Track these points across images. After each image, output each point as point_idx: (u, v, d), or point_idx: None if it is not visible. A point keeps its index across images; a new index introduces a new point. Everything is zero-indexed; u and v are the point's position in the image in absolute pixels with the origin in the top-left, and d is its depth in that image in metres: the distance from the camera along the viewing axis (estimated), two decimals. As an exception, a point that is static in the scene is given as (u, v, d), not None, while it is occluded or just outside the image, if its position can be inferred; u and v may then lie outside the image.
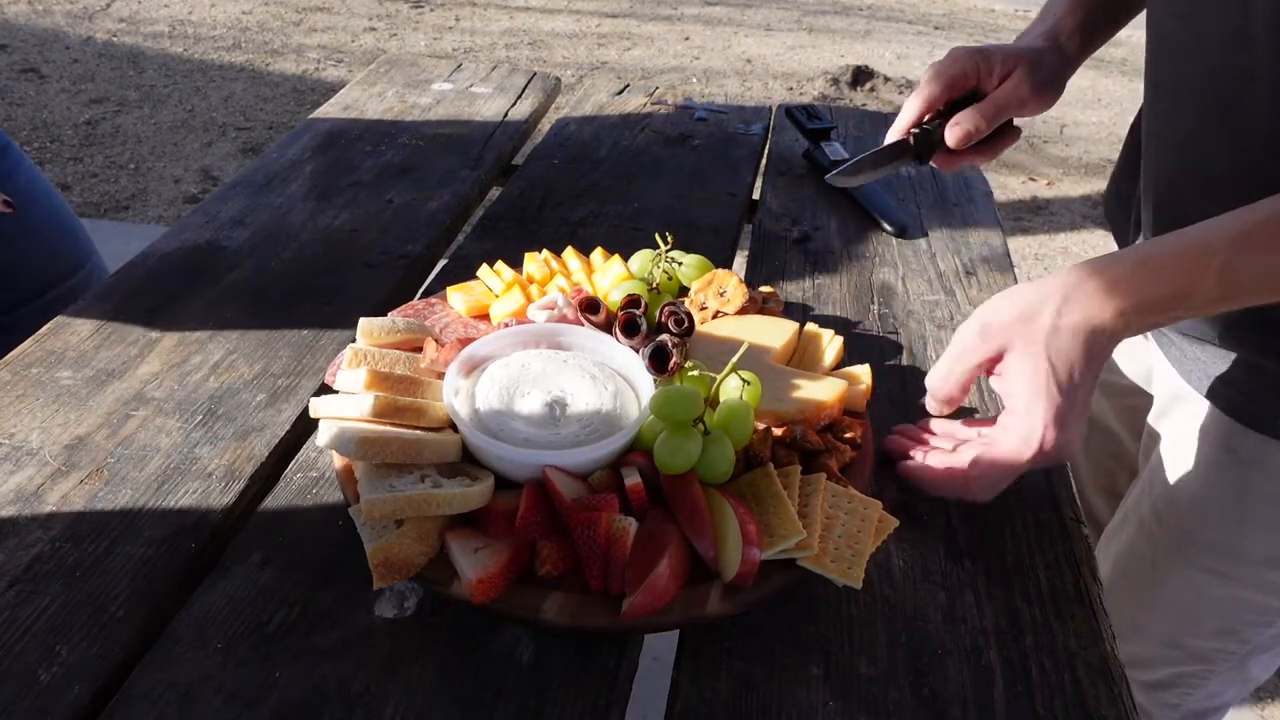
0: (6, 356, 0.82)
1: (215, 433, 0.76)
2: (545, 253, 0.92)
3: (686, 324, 0.77)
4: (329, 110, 1.36)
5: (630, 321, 0.77)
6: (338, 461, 0.67)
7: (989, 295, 1.01)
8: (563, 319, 0.79)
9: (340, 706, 0.56)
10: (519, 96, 1.43)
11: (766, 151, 1.34)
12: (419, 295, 0.95)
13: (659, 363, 0.71)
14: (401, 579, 0.59)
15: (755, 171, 1.29)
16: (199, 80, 3.87)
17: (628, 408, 0.69)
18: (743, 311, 0.85)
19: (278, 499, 0.70)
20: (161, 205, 2.98)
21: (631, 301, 0.80)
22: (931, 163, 0.91)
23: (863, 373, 0.78)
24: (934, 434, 0.77)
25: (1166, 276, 0.60)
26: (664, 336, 0.74)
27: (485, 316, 0.85)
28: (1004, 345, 0.65)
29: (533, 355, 0.72)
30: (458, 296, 0.86)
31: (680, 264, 0.89)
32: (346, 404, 0.66)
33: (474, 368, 0.72)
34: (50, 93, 3.65)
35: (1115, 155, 1.21)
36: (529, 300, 0.83)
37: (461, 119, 1.35)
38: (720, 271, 0.87)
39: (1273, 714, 1.66)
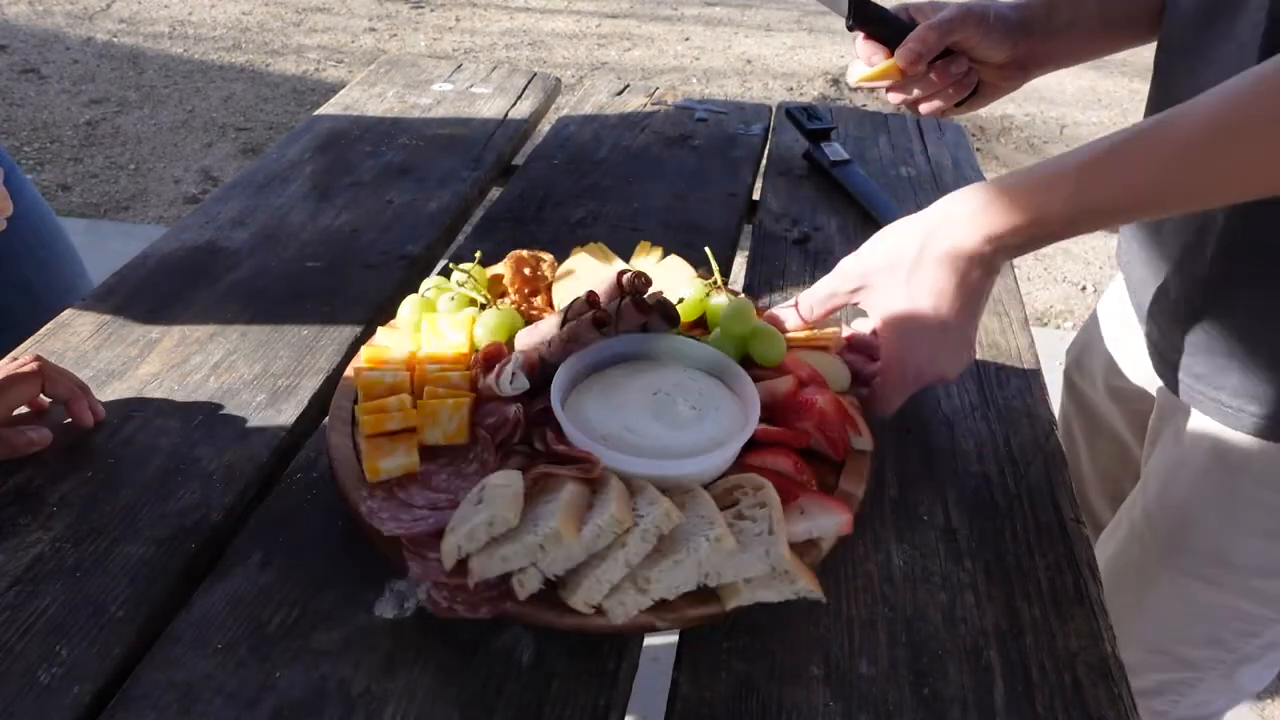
0: (6, 357, 0.82)
1: (215, 433, 0.76)
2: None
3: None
4: (329, 110, 1.36)
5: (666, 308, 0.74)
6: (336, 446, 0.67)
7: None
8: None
9: (340, 706, 0.56)
10: (519, 97, 1.43)
11: (766, 151, 1.34)
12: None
13: (669, 316, 0.73)
14: None
15: (755, 172, 1.29)
16: (199, 80, 3.87)
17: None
18: None
19: (278, 499, 0.70)
20: (161, 205, 2.98)
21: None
22: (903, 105, 0.92)
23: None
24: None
25: (1023, 205, 0.64)
26: (660, 296, 0.74)
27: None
28: (871, 286, 0.71)
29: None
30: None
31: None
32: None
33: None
34: (50, 93, 3.65)
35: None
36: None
37: (461, 119, 1.35)
38: None
39: (1273, 714, 1.66)
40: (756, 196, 1.23)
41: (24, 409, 0.75)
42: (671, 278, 0.86)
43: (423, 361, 0.73)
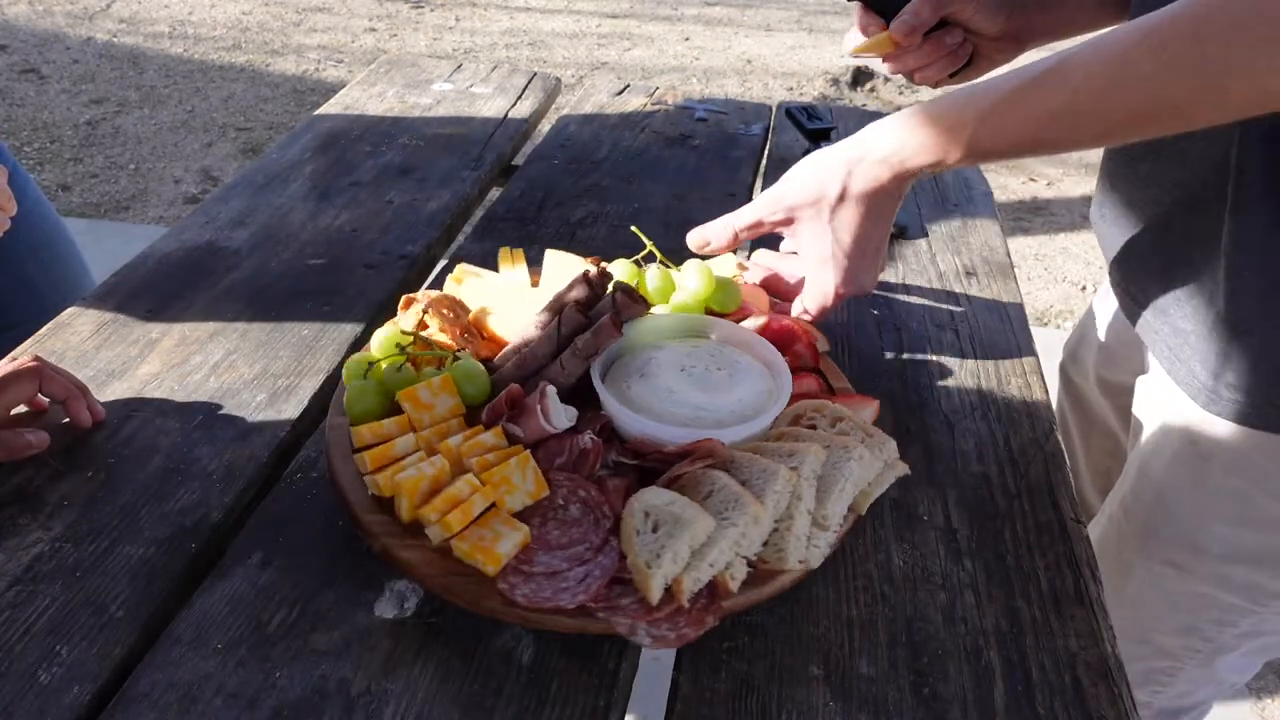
0: (6, 357, 0.82)
1: (215, 433, 0.76)
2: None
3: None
4: (329, 110, 1.36)
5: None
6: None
7: (989, 295, 1.02)
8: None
9: (340, 706, 0.56)
10: (519, 96, 1.43)
11: (766, 151, 1.34)
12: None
13: (635, 296, 0.77)
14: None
15: (755, 171, 1.29)
16: (199, 80, 3.87)
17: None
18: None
19: (278, 499, 0.70)
20: (161, 205, 2.98)
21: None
22: (891, 69, 0.92)
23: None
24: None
25: (930, 145, 0.70)
26: (623, 284, 0.78)
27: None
28: (796, 216, 0.78)
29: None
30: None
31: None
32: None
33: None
34: (50, 93, 3.65)
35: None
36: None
37: (461, 119, 1.35)
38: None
39: (1273, 714, 1.66)
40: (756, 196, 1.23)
41: (22, 409, 0.75)
42: (568, 272, 0.85)
43: (431, 440, 0.67)
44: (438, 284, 0.94)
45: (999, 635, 0.64)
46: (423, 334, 0.77)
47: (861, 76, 4.24)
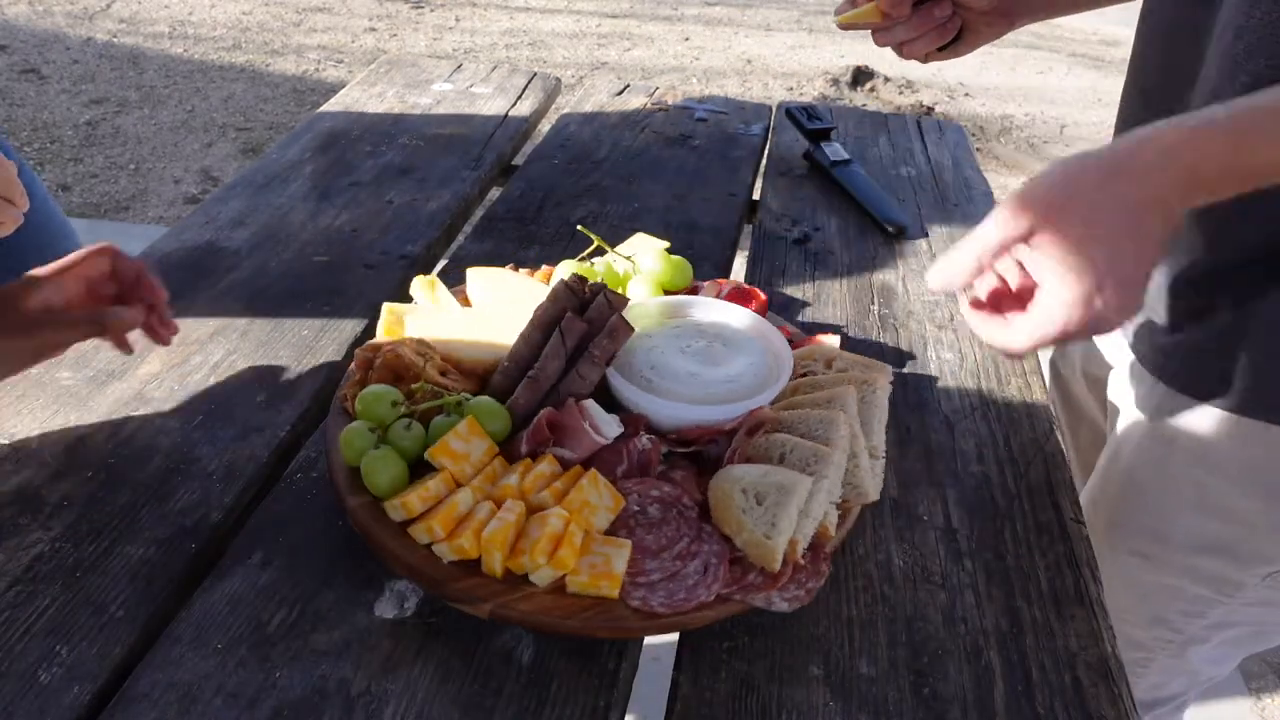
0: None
1: (215, 433, 0.76)
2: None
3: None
4: (329, 110, 1.36)
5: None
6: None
7: (989, 295, 1.02)
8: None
9: (340, 706, 0.56)
10: (519, 96, 1.43)
11: (766, 151, 1.34)
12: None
13: (620, 298, 0.76)
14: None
15: (755, 171, 1.29)
16: (199, 80, 3.87)
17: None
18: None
19: (278, 499, 0.70)
20: (161, 205, 2.98)
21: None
22: (879, 42, 0.90)
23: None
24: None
25: (1219, 151, 0.57)
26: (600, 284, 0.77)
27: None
28: (1044, 228, 0.59)
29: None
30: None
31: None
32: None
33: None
34: (50, 93, 3.65)
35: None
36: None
37: (461, 119, 1.35)
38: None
39: (1273, 714, 1.66)
40: (756, 196, 1.23)
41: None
42: (499, 287, 0.85)
43: (484, 487, 0.65)
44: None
45: (999, 635, 0.64)
46: (412, 387, 0.71)
47: (861, 76, 4.24)
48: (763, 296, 0.92)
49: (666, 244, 0.93)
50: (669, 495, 0.66)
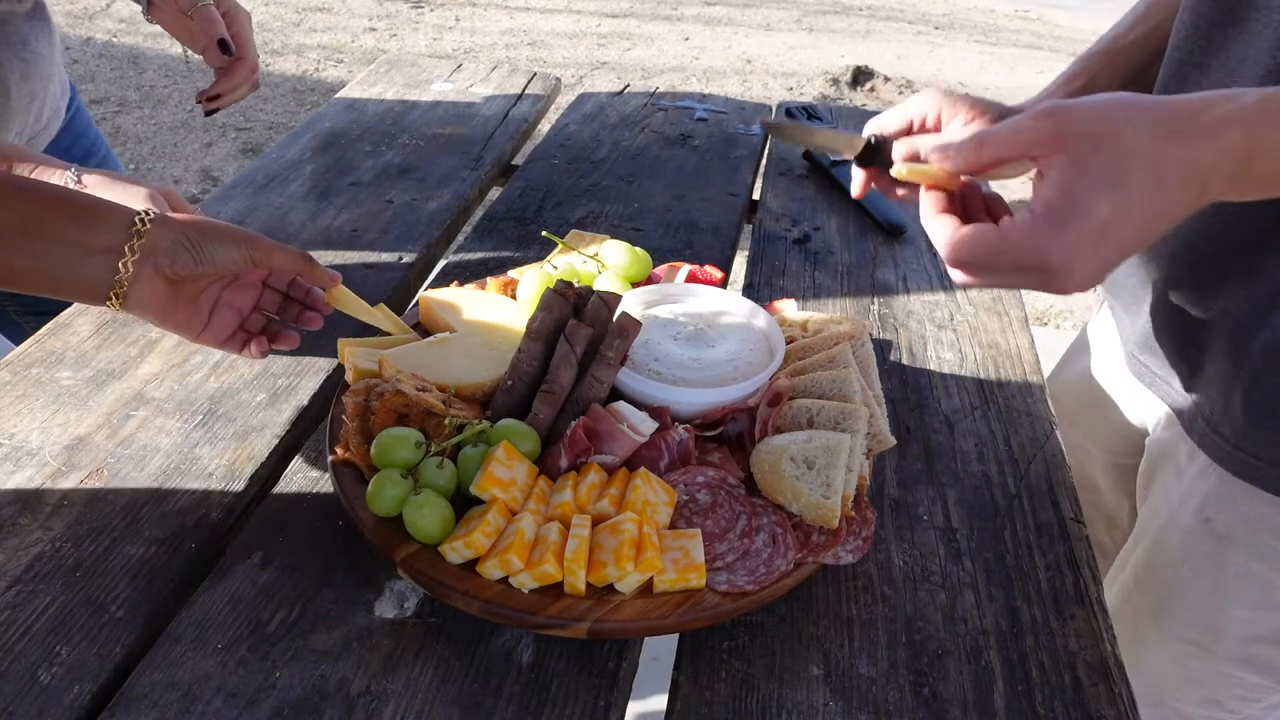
0: (6, 357, 0.82)
1: (215, 433, 0.76)
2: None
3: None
4: (329, 110, 1.36)
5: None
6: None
7: (989, 295, 1.02)
8: None
9: (340, 706, 0.56)
10: (519, 96, 1.43)
11: (766, 151, 1.34)
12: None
13: (611, 296, 0.76)
14: None
15: (755, 171, 1.29)
16: (199, 80, 3.87)
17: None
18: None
19: (278, 499, 0.70)
20: (161, 205, 2.98)
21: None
22: (861, 181, 0.80)
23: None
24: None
25: None
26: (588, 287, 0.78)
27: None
28: (1063, 145, 0.52)
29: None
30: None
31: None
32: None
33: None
34: (50, 93, 3.64)
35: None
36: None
37: (461, 119, 1.35)
38: None
39: None
40: (756, 196, 1.23)
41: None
42: (452, 305, 0.83)
43: (542, 510, 0.64)
44: (438, 285, 0.94)
45: (999, 635, 0.64)
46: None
47: (861, 76, 4.24)
48: (719, 274, 0.93)
49: (623, 242, 0.93)
50: (714, 479, 0.67)
